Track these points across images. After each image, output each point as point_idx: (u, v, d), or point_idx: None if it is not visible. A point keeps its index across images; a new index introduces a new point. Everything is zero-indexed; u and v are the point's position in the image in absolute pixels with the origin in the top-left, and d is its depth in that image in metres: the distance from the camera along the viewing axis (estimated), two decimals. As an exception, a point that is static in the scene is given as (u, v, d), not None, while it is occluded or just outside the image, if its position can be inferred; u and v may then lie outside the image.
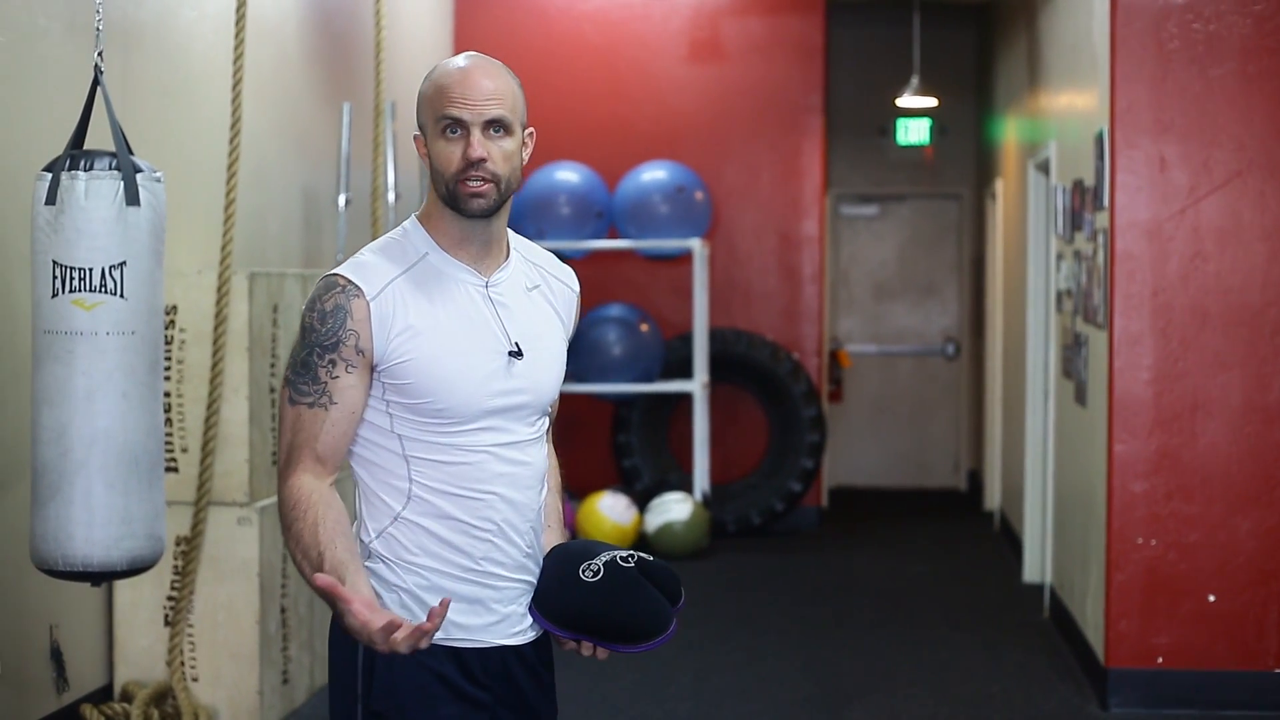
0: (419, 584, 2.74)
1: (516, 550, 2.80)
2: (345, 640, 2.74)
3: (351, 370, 2.69)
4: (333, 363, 2.68)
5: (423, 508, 2.74)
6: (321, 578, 2.53)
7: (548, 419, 2.93)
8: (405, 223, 2.84)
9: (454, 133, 2.71)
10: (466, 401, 2.72)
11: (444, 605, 2.50)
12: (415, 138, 2.82)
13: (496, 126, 2.72)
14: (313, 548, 2.62)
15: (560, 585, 2.82)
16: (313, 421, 2.69)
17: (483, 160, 2.70)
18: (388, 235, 2.84)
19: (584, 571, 2.80)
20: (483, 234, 2.79)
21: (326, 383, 2.69)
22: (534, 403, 2.82)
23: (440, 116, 2.71)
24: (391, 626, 2.48)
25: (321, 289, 2.72)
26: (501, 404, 2.76)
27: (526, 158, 2.80)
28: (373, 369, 2.71)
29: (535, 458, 2.85)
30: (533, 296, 2.87)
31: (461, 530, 2.74)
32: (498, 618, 2.80)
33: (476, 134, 2.70)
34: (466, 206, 2.72)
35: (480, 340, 2.75)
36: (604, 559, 2.81)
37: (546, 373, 2.85)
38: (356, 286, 2.70)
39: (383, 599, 2.72)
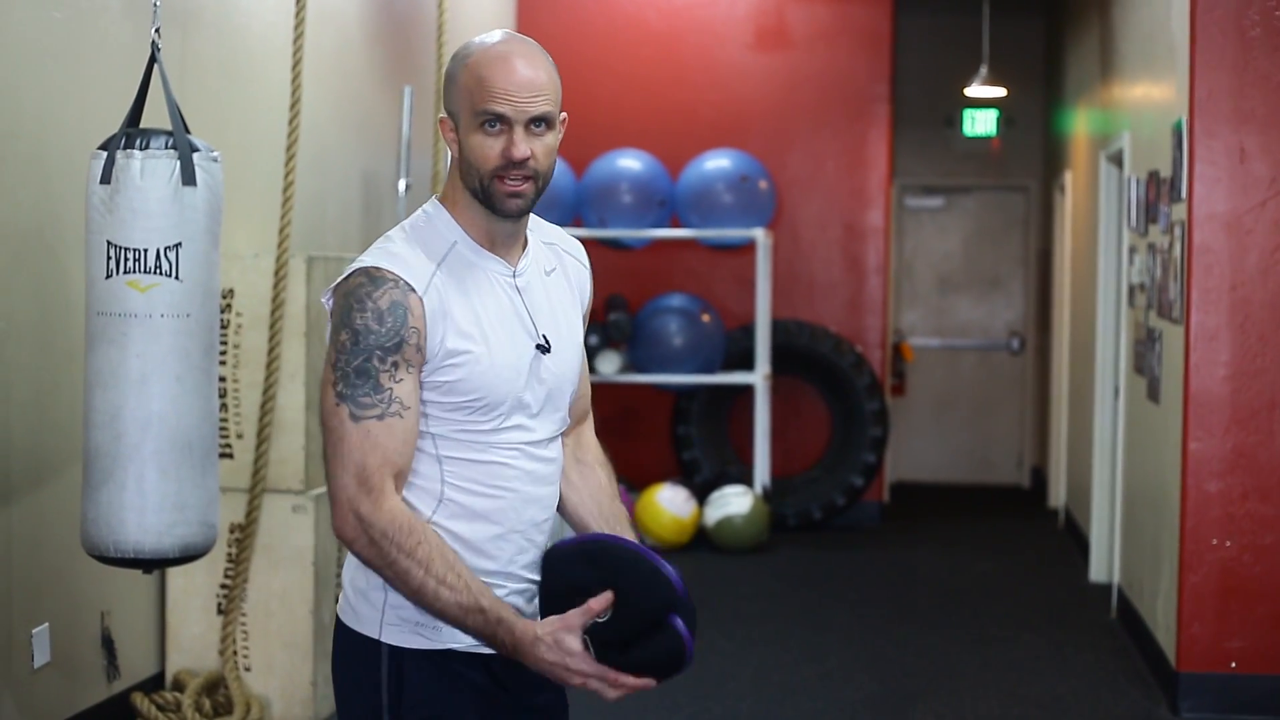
0: None
1: (537, 550, 2.70)
2: (366, 650, 2.63)
3: (411, 371, 2.53)
4: (395, 365, 2.51)
5: (453, 510, 2.61)
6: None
7: (569, 415, 2.80)
8: (427, 206, 2.70)
9: (493, 127, 2.56)
10: (506, 397, 2.61)
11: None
12: (442, 120, 2.66)
13: (539, 122, 2.57)
14: (449, 571, 2.51)
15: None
16: (388, 435, 2.52)
17: (526, 159, 2.56)
18: (410, 221, 2.69)
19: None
20: (511, 227, 2.66)
21: (391, 389, 2.51)
22: (557, 398, 2.71)
23: (479, 111, 2.55)
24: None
25: (367, 285, 2.53)
26: (530, 399, 2.65)
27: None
28: (421, 368, 2.57)
29: (556, 454, 2.75)
30: (551, 280, 2.75)
31: (491, 532, 2.63)
32: None
33: (519, 132, 2.55)
34: (503, 206, 2.59)
35: (515, 335, 2.63)
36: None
37: (569, 366, 2.74)
38: (408, 282, 2.53)
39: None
